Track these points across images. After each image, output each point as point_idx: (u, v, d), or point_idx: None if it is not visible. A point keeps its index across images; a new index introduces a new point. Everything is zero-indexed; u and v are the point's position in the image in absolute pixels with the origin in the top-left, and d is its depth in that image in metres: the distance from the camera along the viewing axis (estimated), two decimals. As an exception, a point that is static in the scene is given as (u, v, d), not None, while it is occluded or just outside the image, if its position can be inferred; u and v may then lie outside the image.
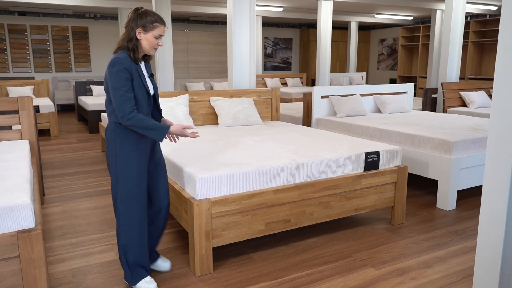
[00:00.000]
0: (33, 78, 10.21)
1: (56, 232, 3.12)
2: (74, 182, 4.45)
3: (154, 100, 2.29)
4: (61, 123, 8.74)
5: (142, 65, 2.22)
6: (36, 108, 6.98)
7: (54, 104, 9.49)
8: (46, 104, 7.10)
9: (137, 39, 2.13)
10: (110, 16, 11.03)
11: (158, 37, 2.15)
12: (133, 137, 2.16)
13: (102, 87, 8.67)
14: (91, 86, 8.72)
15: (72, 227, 3.23)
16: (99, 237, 3.03)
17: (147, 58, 2.25)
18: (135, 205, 2.20)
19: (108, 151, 2.18)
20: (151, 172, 2.35)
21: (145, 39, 2.13)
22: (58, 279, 2.43)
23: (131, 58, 2.12)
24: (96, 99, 7.88)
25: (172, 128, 2.18)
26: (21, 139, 3.53)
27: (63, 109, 11.04)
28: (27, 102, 3.47)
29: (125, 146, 2.15)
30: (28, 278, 1.89)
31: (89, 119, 7.46)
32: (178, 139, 2.31)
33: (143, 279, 2.26)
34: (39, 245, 1.88)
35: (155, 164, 2.35)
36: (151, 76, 2.27)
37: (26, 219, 1.88)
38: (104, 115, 5.70)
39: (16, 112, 3.47)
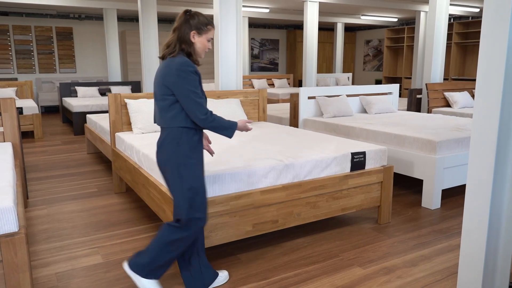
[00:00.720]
0: (16, 79, 10.04)
1: (40, 236, 3.07)
2: (59, 184, 4.38)
3: None
4: (45, 125, 8.61)
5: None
6: (19, 110, 6.86)
7: (38, 105, 9.35)
8: (29, 105, 6.99)
9: (191, 42, 2.07)
10: (95, 16, 10.92)
11: (210, 40, 2.12)
12: (196, 141, 2.10)
13: (87, 88, 8.57)
14: (76, 87, 8.61)
15: (57, 230, 3.18)
16: (84, 240, 2.99)
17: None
18: (202, 213, 2.13)
19: (168, 159, 2.07)
20: None
21: (199, 42, 2.09)
22: (43, 284, 2.39)
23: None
24: (81, 101, 7.78)
25: (239, 124, 2.18)
26: (4, 141, 3.46)
27: (47, 110, 10.87)
28: (10, 103, 3.40)
29: (190, 152, 2.06)
30: (11, 283, 1.85)
31: (74, 121, 7.36)
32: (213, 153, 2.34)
33: (154, 280, 2.18)
34: (22, 249, 1.84)
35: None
36: None
37: (9, 223, 1.84)
38: (90, 117, 5.63)
39: (-1, 114, 3.41)
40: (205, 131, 2.20)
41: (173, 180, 2.09)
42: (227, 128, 2.10)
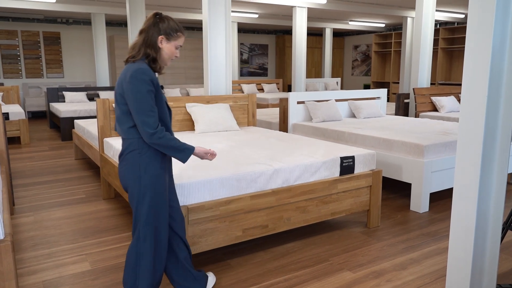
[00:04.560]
0: (2, 84, 9.89)
1: (27, 243, 3.02)
2: (46, 191, 4.32)
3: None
4: (32, 130, 8.50)
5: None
6: (5, 115, 6.77)
7: (24, 111, 9.22)
8: (16, 111, 6.89)
9: (158, 48, 1.95)
10: (83, 21, 10.84)
11: (178, 47, 2.00)
12: (159, 154, 1.96)
13: (75, 93, 8.49)
14: (63, 92, 8.53)
15: (44, 237, 3.13)
16: (72, 247, 2.95)
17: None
18: (163, 228, 2.01)
19: (129, 172, 1.94)
20: (170, 188, 2.16)
21: (167, 48, 1.95)
22: (29, 292, 2.36)
23: (151, 69, 1.95)
24: (69, 106, 7.71)
25: (196, 150, 2.03)
26: (-11, 147, 3.41)
27: (34, 116, 10.74)
28: (-4, 109, 3.35)
29: (152, 166, 1.93)
30: (-4, 292, 1.82)
31: (61, 126, 7.28)
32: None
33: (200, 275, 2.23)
34: (8, 257, 1.81)
35: (171, 180, 2.16)
36: (162, 88, 2.13)
37: (-5, 231, 1.81)
38: (78, 122, 5.58)
39: (-16, 119, 3.36)
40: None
41: (134, 195, 1.98)
42: (180, 151, 1.94)
